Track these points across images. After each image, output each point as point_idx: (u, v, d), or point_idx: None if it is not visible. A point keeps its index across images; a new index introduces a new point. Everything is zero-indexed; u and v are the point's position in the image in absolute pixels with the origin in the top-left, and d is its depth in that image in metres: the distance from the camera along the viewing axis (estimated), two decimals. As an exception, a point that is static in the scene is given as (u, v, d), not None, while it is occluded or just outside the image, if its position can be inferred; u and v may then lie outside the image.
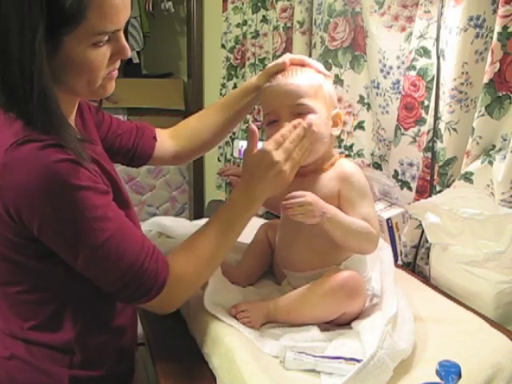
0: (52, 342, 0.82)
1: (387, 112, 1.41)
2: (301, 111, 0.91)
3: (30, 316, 0.82)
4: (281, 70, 0.96)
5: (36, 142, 0.71)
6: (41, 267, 0.79)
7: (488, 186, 1.10)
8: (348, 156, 1.55)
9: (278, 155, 0.84)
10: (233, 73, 2.21)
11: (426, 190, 1.26)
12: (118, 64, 0.80)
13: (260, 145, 0.88)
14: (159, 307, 0.84)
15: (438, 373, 0.71)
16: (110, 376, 0.87)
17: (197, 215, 2.77)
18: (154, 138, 1.10)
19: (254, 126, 0.89)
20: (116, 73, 0.81)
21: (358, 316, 0.92)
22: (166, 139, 1.12)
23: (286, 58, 0.98)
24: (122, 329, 0.90)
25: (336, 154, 0.99)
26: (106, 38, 0.74)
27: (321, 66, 0.98)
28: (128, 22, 0.80)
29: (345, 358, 0.80)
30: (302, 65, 0.97)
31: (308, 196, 0.85)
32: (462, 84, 1.12)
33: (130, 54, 0.79)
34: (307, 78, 0.93)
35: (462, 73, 1.12)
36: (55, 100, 0.72)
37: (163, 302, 0.82)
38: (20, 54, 0.68)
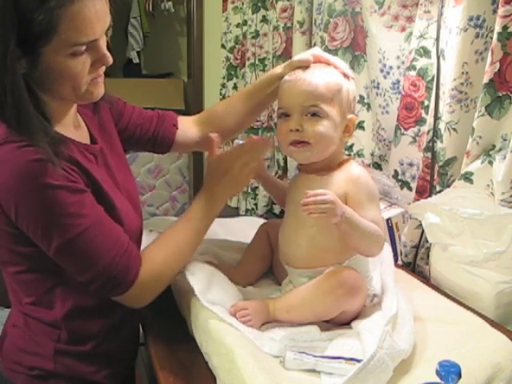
0: (43, 318, 0.89)
1: (387, 112, 1.41)
2: (313, 113, 0.90)
3: (28, 293, 0.89)
4: (305, 65, 0.95)
5: (14, 143, 0.76)
6: (33, 252, 0.84)
7: (488, 186, 1.10)
8: (348, 156, 1.55)
9: (233, 164, 0.94)
10: (233, 73, 2.21)
11: (425, 189, 1.26)
12: (101, 70, 0.84)
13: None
14: (131, 301, 0.89)
15: (438, 373, 0.71)
16: (96, 353, 0.92)
17: (197, 215, 2.76)
18: (175, 125, 1.12)
19: (213, 135, 0.97)
20: (102, 78, 0.85)
21: (358, 316, 0.92)
22: (190, 126, 1.14)
23: (314, 52, 0.97)
24: (111, 313, 0.94)
25: (344, 156, 0.99)
26: (84, 48, 0.77)
27: (345, 67, 0.97)
28: (128, 22, 0.82)
29: (345, 358, 0.80)
30: (327, 64, 0.96)
31: (330, 194, 0.84)
32: (462, 84, 1.12)
33: (111, 61, 0.82)
34: (327, 79, 0.92)
35: (462, 73, 1.12)
36: (29, 108, 0.77)
37: (135, 296, 0.87)
38: None
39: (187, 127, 1.14)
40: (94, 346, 0.92)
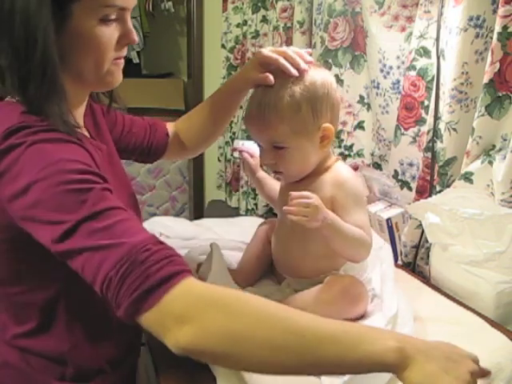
0: (45, 351, 0.78)
1: (387, 112, 1.41)
2: (275, 145, 0.90)
3: (26, 320, 0.78)
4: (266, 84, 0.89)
5: (29, 129, 0.68)
6: (39, 267, 0.74)
7: (488, 186, 1.10)
8: (348, 156, 1.55)
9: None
10: (233, 73, 2.21)
11: (426, 189, 1.25)
12: (124, 51, 0.81)
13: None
14: (166, 325, 0.58)
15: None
16: None
17: (197, 215, 2.77)
18: (167, 134, 1.11)
19: None
20: (123, 62, 0.81)
21: (358, 316, 0.92)
22: (175, 133, 1.13)
23: (261, 55, 0.91)
24: (122, 341, 0.85)
25: (332, 158, 0.98)
26: (114, 15, 0.74)
27: (297, 62, 0.88)
28: None
29: (345, 358, 0.79)
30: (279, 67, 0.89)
31: (316, 199, 0.82)
32: (462, 84, 1.12)
33: (136, 39, 0.80)
34: (278, 109, 0.86)
35: (462, 73, 1.12)
36: (55, 66, 0.70)
37: (172, 314, 0.58)
38: (26, 18, 0.68)
39: (174, 135, 1.12)
40: (100, 381, 0.81)
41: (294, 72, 0.87)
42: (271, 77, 0.88)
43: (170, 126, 1.13)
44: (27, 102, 0.71)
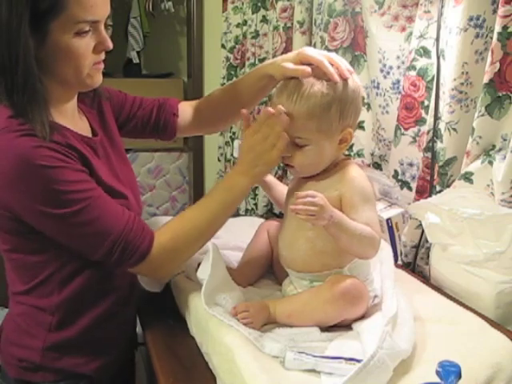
0: (39, 305, 0.92)
1: (387, 112, 1.41)
2: (297, 142, 0.91)
3: (28, 279, 0.92)
4: (298, 76, 0.90)
5: (14, 132, 0.80)
6: (34, 235, 0.87)
7: (488, 186, 1.10)
8: (348, 156, 1.55)
9: (255, 139, 0.91)
10: (233, 73, 2.21)
11: (426, 190, 1.26)
12: (102, 56, 0.89)
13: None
14: (151, 269, 0.92)
15: (438, 373, 0.71)
16: (83, 341, 0.94)
17: (197, 215, 2.76)
18: (175, 114, 1.16)
19: (244, 111, 0.97)
20: (102, 65, 0.90)
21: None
22: (190, 113, 1.18)
23: (304, 52, 0.93)
24: (103, 302, 0.96)
25: (341, 157, 0.97)
26: (87, 28, 0.83)
27: (341, 65, 0.90)
28: (128, 22, 0.84)
29: (345, 358, 0.80)
30: (318, 65, 0.90)
31: (321, 198, 0.83)
32: (462, 84, 1.12)
33: (111, 45, 0.88)
34: (310, 104, 0.87)
35: (462, 73, 1.12)
36: (35, 78, 0.81)
37: (155, 262, 0.90)
38: (9, 37, 0.79)
39: (187, 114, 1.18)
40: (81, 332, 0.93)
41: (337, 78, 0.89)
42: (309, 70, 0.89)
43: (185, 105, 1.19)
44: (13, 106, 0.82)
